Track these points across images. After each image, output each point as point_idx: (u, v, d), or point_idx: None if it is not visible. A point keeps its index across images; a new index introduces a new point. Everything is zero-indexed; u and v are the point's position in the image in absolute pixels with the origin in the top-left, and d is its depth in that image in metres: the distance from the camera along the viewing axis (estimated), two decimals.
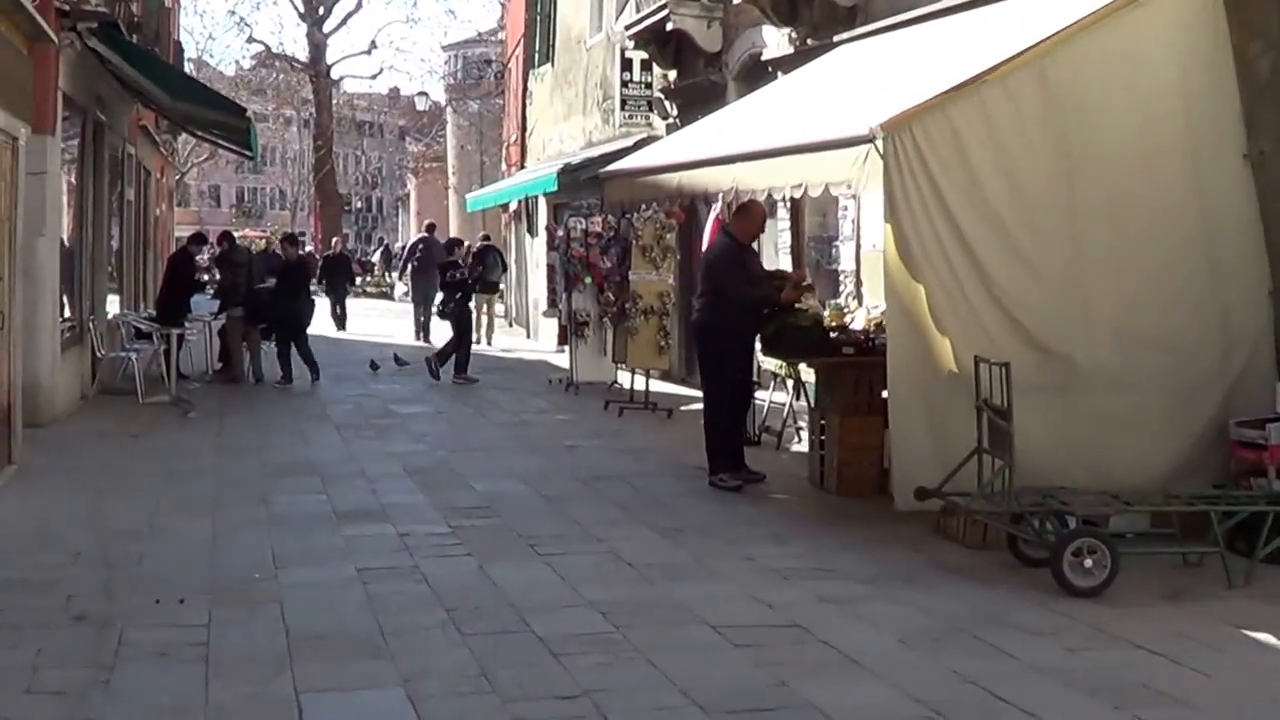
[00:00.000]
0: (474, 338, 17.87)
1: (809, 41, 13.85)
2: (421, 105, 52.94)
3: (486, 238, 29.35)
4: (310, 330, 17.68)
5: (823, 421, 10.22)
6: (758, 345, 10.55)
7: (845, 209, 14.10)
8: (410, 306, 27.94)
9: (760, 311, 10.10)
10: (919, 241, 8.02)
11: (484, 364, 21.58)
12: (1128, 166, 8.38)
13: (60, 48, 12.77)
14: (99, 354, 15.57)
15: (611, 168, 12.73)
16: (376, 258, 52.59)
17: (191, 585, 7.09)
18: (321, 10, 47.81)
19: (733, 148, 9.89)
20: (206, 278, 19.52)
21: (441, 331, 27.22)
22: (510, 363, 22.09)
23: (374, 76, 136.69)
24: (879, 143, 7.76)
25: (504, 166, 34.88)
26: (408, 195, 72.81)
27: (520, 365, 21.51)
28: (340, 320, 27.02)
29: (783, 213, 14.92)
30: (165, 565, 7.55)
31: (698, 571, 7.65)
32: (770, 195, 9.32)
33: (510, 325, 31.58)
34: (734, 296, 10.03)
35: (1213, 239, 8.53)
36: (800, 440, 12.33)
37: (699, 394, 16.41)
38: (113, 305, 17.87)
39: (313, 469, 10.96)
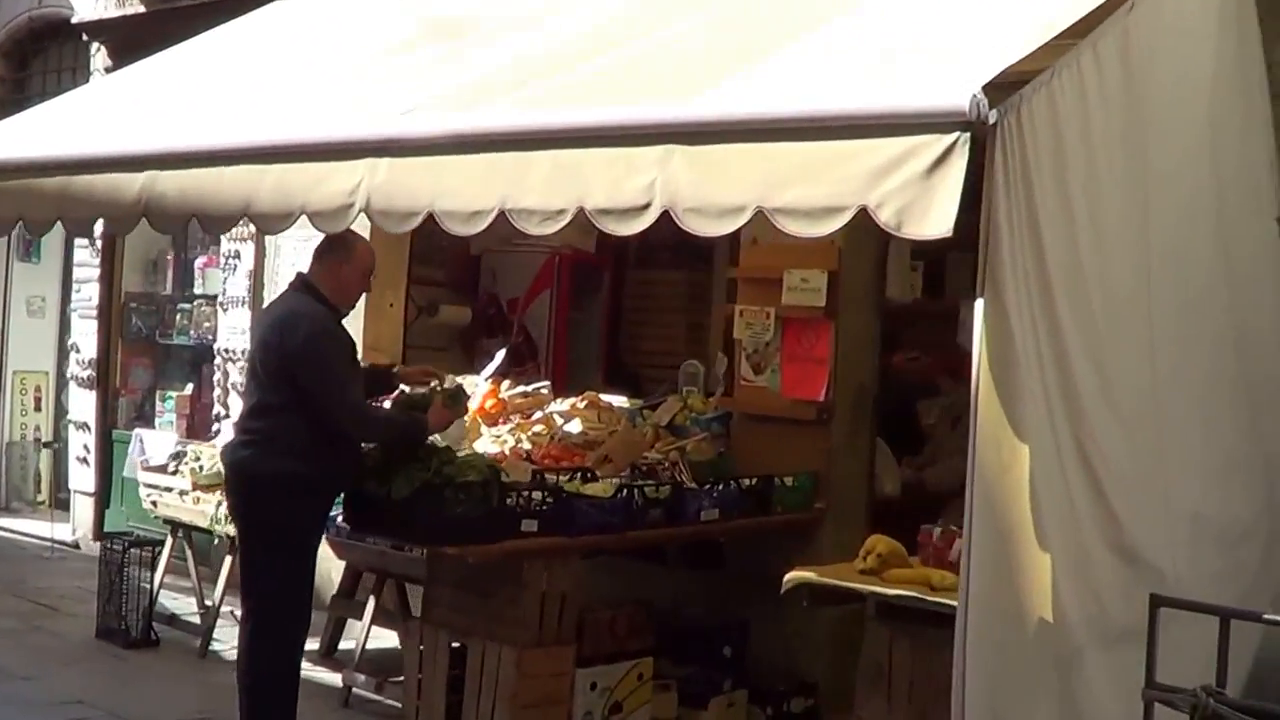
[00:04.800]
0: None
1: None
2: None
3: None
4: None
5: (455, 646, 5.56)
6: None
7: (235, 256, 9.26)
8: None
9: (398, 447, 5.32)
10: (1021, 332, 3.89)
11: None
12: (1197, 215, 4.90)
13: None
14: None
15: None
16: None
17: None
18: None
19: (387, 127, 4.73)
20: None
21: None
22: None
23: None
24: (994, 123, 3.62)
25: None
26: None
27: None
28: None
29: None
30: None
31: None
32: (559, 217, 4.34)
33: None
34: (354, 417, 5.17)
35: (1245, 346, 5.21)
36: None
37: None
38: None
39: None
